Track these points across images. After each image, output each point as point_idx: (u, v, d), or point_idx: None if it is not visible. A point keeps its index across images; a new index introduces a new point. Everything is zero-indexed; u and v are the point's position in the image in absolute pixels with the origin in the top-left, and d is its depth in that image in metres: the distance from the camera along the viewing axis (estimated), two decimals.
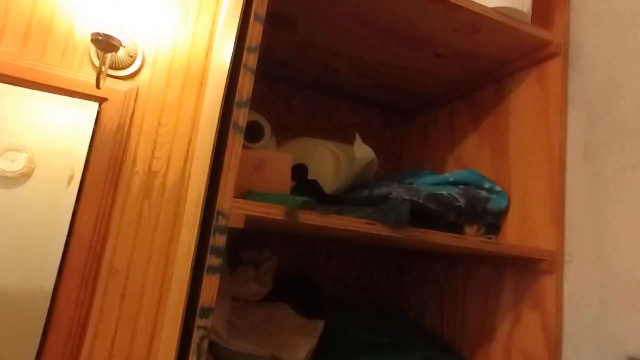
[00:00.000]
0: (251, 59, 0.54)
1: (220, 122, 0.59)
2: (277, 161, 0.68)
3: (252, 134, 0.83)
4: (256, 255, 0.87)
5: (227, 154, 0.51)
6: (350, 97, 1.06)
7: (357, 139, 0.81)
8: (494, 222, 0.75)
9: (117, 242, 0.95)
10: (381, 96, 1.03)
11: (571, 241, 0.66)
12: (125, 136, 0.97)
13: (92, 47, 0.97)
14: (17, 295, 0.87)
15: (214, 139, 0.59)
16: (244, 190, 0.62)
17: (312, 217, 0.54)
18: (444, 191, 0.69)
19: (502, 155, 0.79)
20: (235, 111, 0.52)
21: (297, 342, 0.68)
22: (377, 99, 1.05)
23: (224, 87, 0.59)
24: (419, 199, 0.64)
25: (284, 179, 0.68)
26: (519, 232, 0.73)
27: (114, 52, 0.94)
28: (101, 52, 0.93)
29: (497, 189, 0.76)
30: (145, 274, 0.95)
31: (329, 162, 0.82)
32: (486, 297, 0.76)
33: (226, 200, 0.50)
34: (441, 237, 0.61)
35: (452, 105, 0.96)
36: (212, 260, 0.49)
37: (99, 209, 0.93)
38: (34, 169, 0.91)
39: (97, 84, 0.94)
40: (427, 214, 0.66)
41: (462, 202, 0.69)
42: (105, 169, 0.94)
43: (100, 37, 0.89)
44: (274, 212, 0.52)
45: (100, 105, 0.96)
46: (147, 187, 0.98)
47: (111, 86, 0.97)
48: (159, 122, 1.01)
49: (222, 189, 0.50)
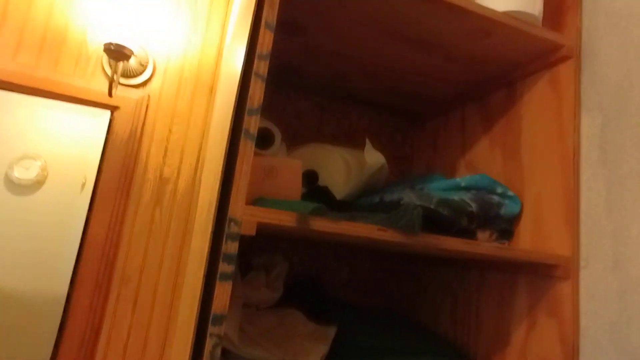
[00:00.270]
0: (262, 67, 0.54)
1: (231, 129, 0.59)
2: (288, 168, 0.68)
3: (263, 140, 0.84)
4: (267, 260, 0.87)
5: (238, 161, 0.51)
6: (360, 102, 1.06)
7: (368, 145, 0.81)
8: (506, 227, 0.74)
9: (130, 248, 0.95)
10: (391, 100, 1.03)
11: (587, 246, 0.65)
12: (137, 144, 0.98)
13: (105, 56, 0.98)
14: (32, 301, 0.88)
15: (226, 146, 0.59)
16: (255, 196, 0.63)
17: (324, 224, 0.54)
18: (456, 196, 0.69)
19: (515, 159, 0.78)
20: (246, 119, 0.52)
21: (309, 348, 0.67)
22: (387, 104, 1.05)
23: (236, 94, 0.59)
24: (431, 204, 0.64)
25: (294, 186, 0.68)
26: (533, 238, 0.72)
27: (125, 61, 0.95)
28: (113, 62, 0.95)
29: (510, 193, 0.75)
30: (157, 280, 0.96)
31: (339, 168, 0.82)
32: (500, 303, 0.75)
33: (238, 207, 0.50)
34: (454, 243, 0.60)
35: (463, 109, 0.96)
36: (224, 267, 0.49)
37: (112, 215, 0.94)
38: (47, 177, 0.92)
39: (110, 93, 0.95)
40: (439, 220, 0.65)
41: (474, 207, 0.69)
42: (117, 176, 0.95)
43: (112, 46, 0.91)
44: (285, 219, 0.52)
45: (112, 113, 0.97)
46: (159, 193, 0.99)
47: (123, 94, 0.98)
48: (170, 130, 1.02)
49: (234, 197, 0.50)
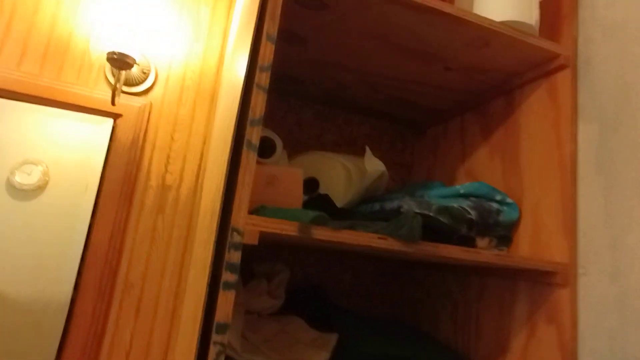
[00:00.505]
0: (264, 78, 0.55)
1: (233, 138, 0.60)
2: (289, 176, 0.69)
3: (264, 149, 0.84)
4: (269, 268, 0.88)
5: (240, 171, 0.52)
6: (360, 111, 1.07)
7: (368, 152, 0.82)
8: (505, 234, 0.75)
9: (132, 255, 0.96)
10: (391, 109, 1.04)
11: (585, 254, 0.66)
12: (139, 151, 0.99)
13: (107, 65, 0.99)
14: (35, 308, 0.89)
15: (228, 155, 0.60)
16: (257, 205, 0.63)
17: (325, 233, 0.54)
18: (455, 204, 0.70)
19: (514, 166, 0.79)
20: (248, 129, 0.53)
21: (311, 355, 0.68)
22: (388, 112, 1.06)
23: (238, 104, 0.60)
24: (431, 212, 0.65)
25: (296, 194, 0.69)
26: (531, 245, 0.72)
27: (128, 70, 0.96)
28: (116, 70, 0.96)
29: (509, 201, 0.76)
30: (159, 287, 0.97)
31: (340, 175, 0.83)
32: (500, 309, 0.76)
33: (241, 217, 0.51)
34: (453, 251, 0.61)
35: (462, 117, 0.97)
36: (227, 276, 0.50)
37: (114, 223, 0.94)
38: (48, 182, 0.93)
39: (113, 101, 0.96)
40: (439, 227, 0.66)
41: (473, 214, 0.69)
42: (120, 184, 0.96)
43: (115, 55, 0.92)
44: (287, 229, 0.53)
45: (115, 121, 0.98)
46: (161, 201, 1.00)
47: (125, 102, 0.99)
48: (172, 137, 1.03)
49: (237, 206, 0.51)
